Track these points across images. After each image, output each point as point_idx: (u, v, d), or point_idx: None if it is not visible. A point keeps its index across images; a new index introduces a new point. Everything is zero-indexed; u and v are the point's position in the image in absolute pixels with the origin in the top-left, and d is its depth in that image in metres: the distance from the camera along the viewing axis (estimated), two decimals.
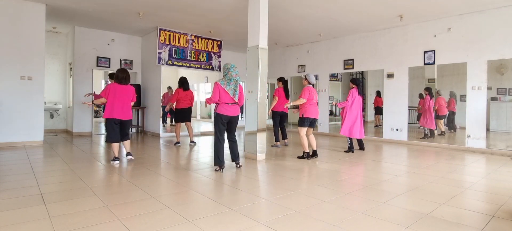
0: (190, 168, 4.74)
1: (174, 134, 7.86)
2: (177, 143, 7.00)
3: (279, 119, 6.99)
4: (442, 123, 8.44)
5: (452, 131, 8.62)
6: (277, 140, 6.97)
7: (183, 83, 6.94)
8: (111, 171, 4.44)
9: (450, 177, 4.26)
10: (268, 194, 3.45)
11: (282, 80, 7.04)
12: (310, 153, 5.55)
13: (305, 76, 5.66)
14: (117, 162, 4.84)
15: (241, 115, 8.07)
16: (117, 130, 4.89)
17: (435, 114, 8.09)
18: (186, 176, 4.20)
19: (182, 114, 6.99)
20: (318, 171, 4.59)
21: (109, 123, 4.84)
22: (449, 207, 3.01)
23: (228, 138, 4.58)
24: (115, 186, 3.68)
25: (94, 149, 6.40)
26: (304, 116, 5.42)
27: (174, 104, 7.11)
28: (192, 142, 7.18)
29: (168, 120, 12.39)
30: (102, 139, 8.00)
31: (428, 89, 8.11)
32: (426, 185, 3.84)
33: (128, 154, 5.14)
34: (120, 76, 4.85)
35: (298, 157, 5.54)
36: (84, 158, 5.32)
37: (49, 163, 4.93)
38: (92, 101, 5.63)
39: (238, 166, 4.62)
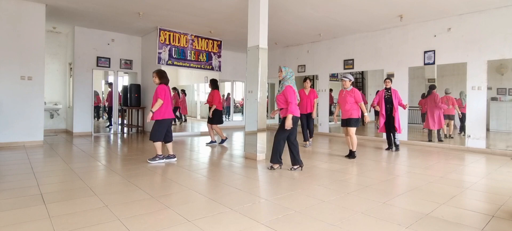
0: (190, 168, 4.74)
1: (182, 134, 7.86)
2: (225, 139, 7.22)
3: (305, 120, 7.08)
4: (451, 124, 7.99)
5: (463, 134, 7.98)
6: (306, 140, 7.05)
7: (218, 86, 7.17)
8: (111, 171, 4.44)
9: (450, 177, 4.25)
10: (268, 194, 3.45)
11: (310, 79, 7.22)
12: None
13: (347, 77, 5.48)
14: (165, 159, 5.02)
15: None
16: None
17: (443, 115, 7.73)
18: (186, 176, 4.20)
19: (222, 116, 7.22)
20: (318, 171, 4.59)
21: (164, 123, 4.94)
22: (449, 207, 3.01)
23: (289, 141, 4.50)
24: (115, 186, 3.68)
25: (94, 149, 6.39)
26: (359, 117, 5.52)
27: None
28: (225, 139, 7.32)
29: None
30: (103, 139, 8.00)
31: (430, 87, 7.89)
32: (426, 185, 3.84)
33: (172, 155, 5.13)
34: (167, 77, 5.08)
35: (348, 157, 5.56)
36: (84, 158, 5.32)
37: (49, 163, 4.93)
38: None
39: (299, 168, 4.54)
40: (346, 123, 5.51)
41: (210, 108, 7.03)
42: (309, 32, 8.87)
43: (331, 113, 10.57)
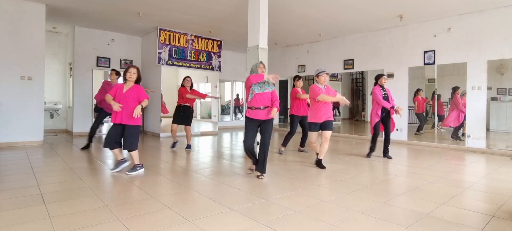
0: (190, 168, 4.74)
1: (181, 134, 7.55)
2: (176, 143, 6.44)
3: (298, 123, 6.11)
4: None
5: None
6: (285, 145, 6.13)
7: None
8: (110, 171, 4.44)
9: (450, 177, 4.25)
10: (268, 194, 3.45)
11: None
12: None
13: (326, 71, 4.73)
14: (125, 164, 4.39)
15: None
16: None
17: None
18: (186, 176, 4.20)
19: None
20: (318, 171, 4.59)
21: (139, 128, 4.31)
22: (449, 207, 3.01)
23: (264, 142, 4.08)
24: (115, 186, 3.68)
25: (94, 149, 6.39)
26: None
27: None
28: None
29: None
30: (102, 139, 7.99)
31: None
32: (426, 185, 3.84)
33: (124, 160, 4.37)
34: None
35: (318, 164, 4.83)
36: (84, 158, 5.32)
37: (49, 163, 4.93)
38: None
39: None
40: (325, 126, 4.70)
41: (186, 107, 6.21)
42: (309, 32, 8.87)
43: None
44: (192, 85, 6.34)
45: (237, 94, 12.58)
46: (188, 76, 6.33)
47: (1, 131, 6.30)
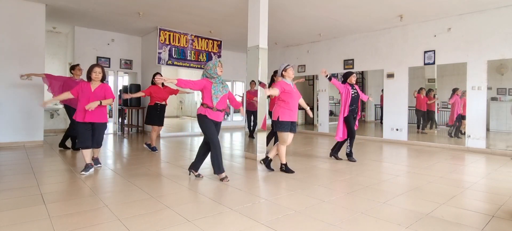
0: None
1: (181, 133, 7.47)
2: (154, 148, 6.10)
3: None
4: (464, 123, 8.10)
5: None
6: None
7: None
8: (110, 171, 4.44)
9: (450, 177, 4.25)
10: (268, 194, 3.45)
11: None
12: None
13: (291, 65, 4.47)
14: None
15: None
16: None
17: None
18: (186, 176, 4.20)
19: None
20: (318, 171, 4.59)
21: None
22: (449, 207, 3.01)
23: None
24: (115, 186, 3.68)
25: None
26: None
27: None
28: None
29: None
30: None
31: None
32: (426, 185, 3.84)
33: (90, 164, 4.29)
34: None
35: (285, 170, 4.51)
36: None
37: (49, 163, 4.93)
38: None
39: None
40: (294, 126, 4.36)
41: (163, 106, 6.07)
42: (309, 32, 8.87)
43: (331, 113, 10.57)
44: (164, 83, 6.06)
45: (241, 95, 12.57)
46: (158, 73, 5.99)
47: (1, 131, 6.30)
